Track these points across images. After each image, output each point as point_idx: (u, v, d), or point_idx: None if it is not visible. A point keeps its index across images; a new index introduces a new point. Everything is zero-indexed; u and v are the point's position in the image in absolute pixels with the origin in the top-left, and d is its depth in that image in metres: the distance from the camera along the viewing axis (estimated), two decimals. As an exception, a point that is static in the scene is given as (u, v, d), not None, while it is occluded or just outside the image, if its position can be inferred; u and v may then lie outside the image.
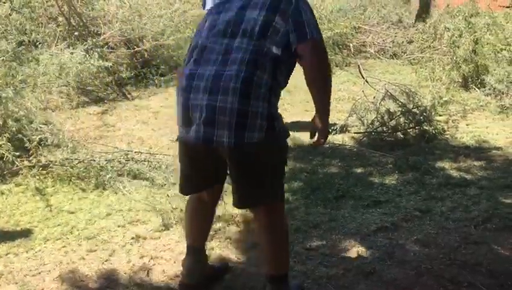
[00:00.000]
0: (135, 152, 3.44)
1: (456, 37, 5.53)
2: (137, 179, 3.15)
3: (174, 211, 2.68)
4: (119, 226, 2.60)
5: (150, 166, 3.29)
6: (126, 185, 3.02)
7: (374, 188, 3.14)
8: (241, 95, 1.62)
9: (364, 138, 4.04)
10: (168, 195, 2.91)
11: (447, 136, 4.12)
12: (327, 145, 3.79)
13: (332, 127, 3.88)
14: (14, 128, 3.24)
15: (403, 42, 6.95)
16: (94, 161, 3.18)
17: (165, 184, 3.09)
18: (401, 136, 4.04)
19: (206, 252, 2.12)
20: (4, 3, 5.29)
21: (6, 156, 2.95)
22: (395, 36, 7.09)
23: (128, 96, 4.94)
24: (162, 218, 2.62)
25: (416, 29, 7.10)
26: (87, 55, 4.59)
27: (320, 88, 1.76)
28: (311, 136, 1.87)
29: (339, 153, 3.72)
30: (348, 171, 3.39)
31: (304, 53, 1.69)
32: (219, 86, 1.64)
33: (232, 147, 1.66)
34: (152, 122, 4.33)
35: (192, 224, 2.02)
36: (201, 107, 1.66)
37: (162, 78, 5.41)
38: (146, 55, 5.34)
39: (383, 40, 7.07)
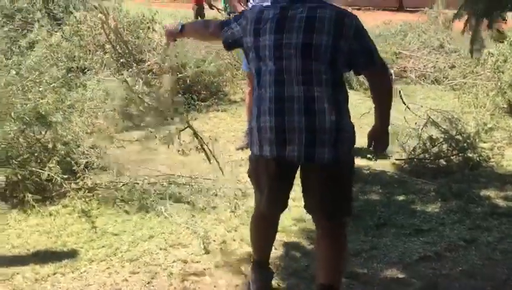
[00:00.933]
0: (177, 176, 3.52)
1: (500, 62, 5.41)
2: (178, 202, 3.20)
3: (214, 235, 2.71)
4: (161, 249, 2.64)
5: (191, 190, 3.34)
6: (168, 208, 3.07)
7: (416, 216, 3.07)
8: (335, 113, 1.80)
9: (406, 165, 3.97)
10: (208, 219, 2.95)
11: (492, 163, 4.00)
12: (367, 171, 3.76)
13: (372, 154, 3.84)
14: (62, 152, 3.36)
15: (444, 67, 6.86)
16: (137, 184, 3.26)
17: (205, 208, 3.13)
18: (444, 163, 3.94)
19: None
20: (56, 32, 5.60)
21: (55, 179, 3.07)
22: (437, 61, 7.01)
23: (170, 121, 5.05)
24: (202, 242, 2.65)
25: (458, 55, 7.00)
26: (132, 81, 4.76)
27: (388, 107, 1.98)
28: (370, 145, 2.06)
29: (379, 180, 3.67)
30: (389, 199, 3.34)
31: (375, 79, 1.97)
32: (314, 107, 1.78)
33: (331, 163, 1.82)
34: (193, 146, 4.41)
35: (264, 239, 2.23)
36: (299, 128, 1.79)
37: (203, 103, 5.55)
38: (188, 81, 5.48)
39: (424, 66, 7.01)
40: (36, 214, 2.97)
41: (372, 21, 9.91)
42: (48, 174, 3.07)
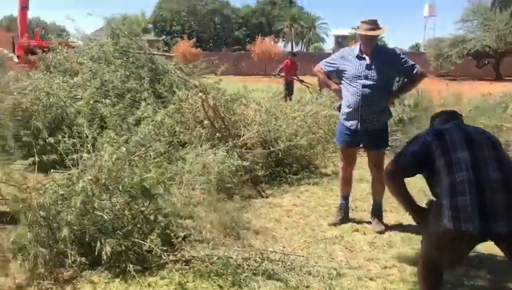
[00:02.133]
0: (270, 251, 3.51)
1: None
2: (271, 279, 3.16)
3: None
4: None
5: (284, 267, 3.29)
6: (261, 285, 3.05)
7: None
8: None
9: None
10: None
11: None
12: (473, 254, 3.48)
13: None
14: (163, 224, 3.53)
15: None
16: (231, 258, 3.29)
17: (298, 287, 3.06)
18: None
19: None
20: (160, 109, 6.04)
21: (155, 250, 3.20)
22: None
23: (263, 193, 5.14)
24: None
25: None
26: (228, 155, 4.96)
27: None
28: None
29: (487, 264, 3.38)
30: (497, 286, 3.05)
31: None
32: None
33: None
34: (285, 221, 4.42)
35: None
36: (504, 206, 2.36)
37: (295, 176, 5.60)
38: (280, 155, 5.60)
39: (530, 139, 6.55)
40: (136, 284, 3.09)
41: (469, 92, 9.60)
42: (149, 246, 3.22)
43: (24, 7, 15.59)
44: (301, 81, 12.77)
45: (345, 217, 4.37)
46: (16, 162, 3.63)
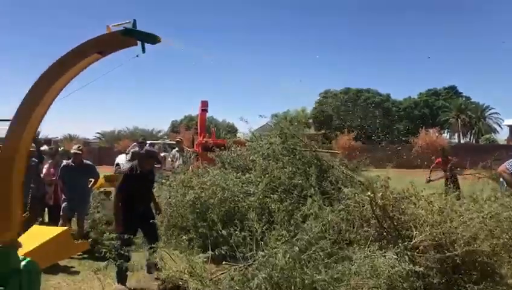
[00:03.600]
0: None
1: None
2: None
3: None
4: None
5: None
6: None
7: None
8: None
9: None
10: None
11: None
12: None
13: None
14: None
15: None
16: None
17: None
18: None
19: None
20: (326, 207, 6.08)
21: None
22: None
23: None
24: None
25: None
26: (398, 258, 4.69)
27: None
28: None
29: None
30: None
31: None
32: None
33: None
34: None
35: None
36: None
37: (476, 286, 4.98)
38: (458, 261, 5.08)
39: None
40: None
41: None
42: None
43: (204, 110, 17.66)
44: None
45: None
46: (199, 255, 3.89)
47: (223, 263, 4.97)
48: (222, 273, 4.41)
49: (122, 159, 21.39)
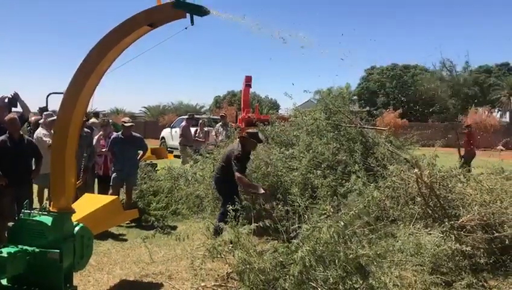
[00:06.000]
0: None
1: None
2: None
3: None
4: None
5: None
6: None
7: None
8: None
9: None
10: None
11: None
12: None
13: None
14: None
15: None
16: None
17: None
18: None
19: None
20: (370, 183, 6.02)
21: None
22: None
23: (485, 284, 4.58)
24: None
25: None
26: (444, 237, 4.62)
27: None
28: None
29: None
30: None
31: None
32: None
33: None
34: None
35: None
36: None
37: (525, 268, 4.87)
38: (506, 242, 4.95)
39: None
40: None
41: None
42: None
43: (248, 85, 17.66)
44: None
45: None
46: (244, 226, 3.97)
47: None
48: (266, 245, 4.49)
49: (167, 133, 21.80)
